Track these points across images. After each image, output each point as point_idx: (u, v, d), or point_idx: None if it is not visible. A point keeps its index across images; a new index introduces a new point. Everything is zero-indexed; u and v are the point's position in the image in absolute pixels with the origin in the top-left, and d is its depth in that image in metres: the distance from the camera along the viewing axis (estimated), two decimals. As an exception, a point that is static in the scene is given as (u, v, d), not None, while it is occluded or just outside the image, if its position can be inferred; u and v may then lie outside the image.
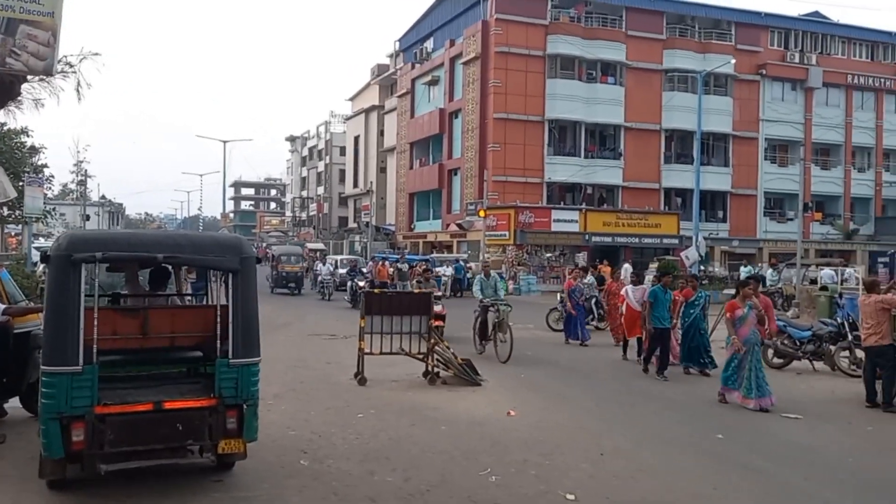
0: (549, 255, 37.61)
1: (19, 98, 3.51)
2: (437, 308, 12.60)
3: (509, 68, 39.55)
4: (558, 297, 19.29)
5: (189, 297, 8.52)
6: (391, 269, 26.91)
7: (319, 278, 30.10)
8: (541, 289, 34.43)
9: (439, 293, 19.73)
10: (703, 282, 16.18)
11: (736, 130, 43.74)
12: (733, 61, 40.08)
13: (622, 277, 28.44)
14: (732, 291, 12.89)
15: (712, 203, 43.74)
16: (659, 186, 42.61)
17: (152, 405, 5.73)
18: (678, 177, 42.09)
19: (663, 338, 12.30)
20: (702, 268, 30.83)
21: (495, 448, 7.60)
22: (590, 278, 19.20)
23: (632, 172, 41.72)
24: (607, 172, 41.29)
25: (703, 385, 11.63)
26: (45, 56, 3.06)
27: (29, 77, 3.27)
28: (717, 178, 42.86)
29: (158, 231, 11.18)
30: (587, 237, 37.73)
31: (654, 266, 30.89)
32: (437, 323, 12.03)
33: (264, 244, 68.76)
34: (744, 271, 29.57)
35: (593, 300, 18.54)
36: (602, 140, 42.56)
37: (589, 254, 36.24)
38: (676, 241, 38.47)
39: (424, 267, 22.26)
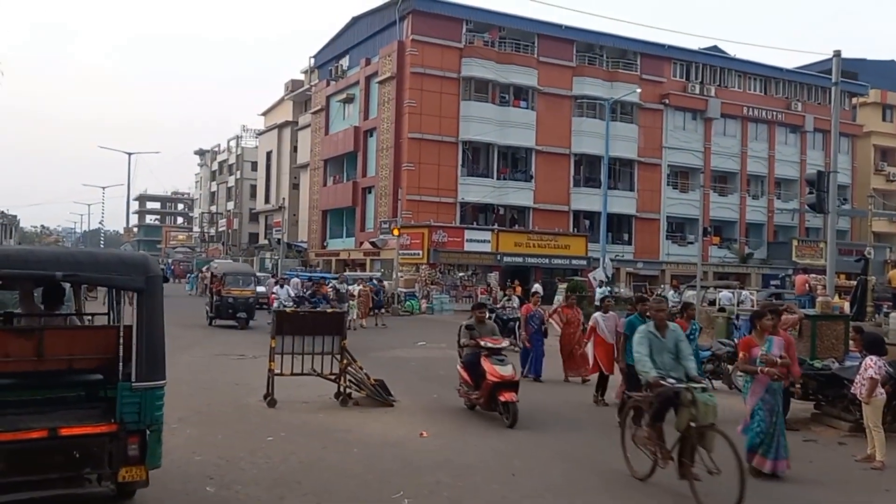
0: (461, 274, 37.94)
1: None
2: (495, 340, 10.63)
3: (424, 89, 39.87)
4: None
5: (88, 318, 8.13)
6: (330, 290, 26.03)
7: (276, 305, 22.33)
8: (454, 308, 34.64)
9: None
10: (610, 301, 16.07)
11: (641, 156, 45.43)
12: (639, 90, 41.79)
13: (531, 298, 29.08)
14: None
15: (618, 226, 45.18)
16: (568, 209, 43.70)
17: (47, 432, 5.41)
18: (586, 200, 43.30)
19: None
20: (609, 289, 31.71)
21: (408, 469, 7.57)
22: (514, 299, 19.80)
23: (542, 195, 42.65)
24: (519, 194, 42.09)
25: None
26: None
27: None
28: (623, 202, 44.35)
29: (57, 247, 10.65)
30: (499, 257, 38.26)
31: (562, 287, 31.62)
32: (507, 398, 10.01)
33: (176, 261, 65.86)
34: (599, 292, 27.99)
35: (515, 318, 19.06)
36: (514, 162, 43.36)
37: (500, 274, 36.80)
38: (585, 262, 39.52)
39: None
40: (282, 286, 25.75)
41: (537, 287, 30.12)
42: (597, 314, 12.57)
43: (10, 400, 5.84)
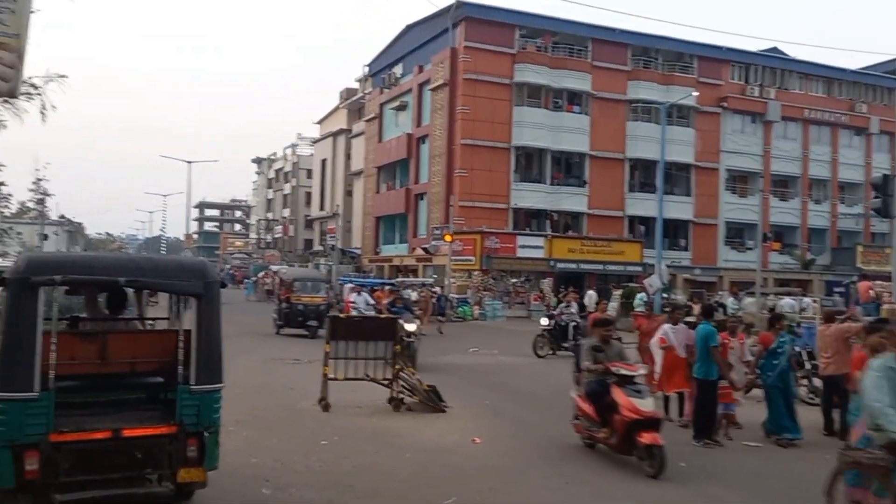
0: (514, 280, 37.76)
1: (-19, 119, 3.46)
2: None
3: (477, 95, 39.93)
4: (543, 322, 19.42)
5: (150, 322, 8.37)
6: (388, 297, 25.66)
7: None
8: (506, 314, 34.53)
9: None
10: (665, 309, 15.58)
11: (698, 161, 44.61)
12: (696, 94, 41.00)
13: (586, 303, 28.77)
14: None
15: (675, 231, 44.42)
16: (623, 214, 43.17)
17: (110, 433, 5.58)
18: (642, 205, 42.69)
19: (711, 392, 9.60)
20: (664, 295, 31.16)
21: (459, 476, 7.56)
22: (573, 305, 19.79)
23: (596, 200, 42.23)
24: (572, 200, 41.76)
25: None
26: (10, 78, 3.02)
27: (-9, 98, 3.23)
28: (679, 207, 43.59)
29: (120, 254, 11.01)
30: (552, 263, 37.98)
31: (616, 293, 31.20)
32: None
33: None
34: (639, 297, 28.24)
35: (573, 324, 19.10)
36: (568, 168, 43.06)
37: (554, 280, 36.48)
38: (640, 268, 38.94)
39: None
40: (359, 293, 22.55)
41: (591, 294, 29.82)
42: (666, 326, 11.34)
43: (76, 401, 6.03)
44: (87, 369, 6.33)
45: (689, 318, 12.19)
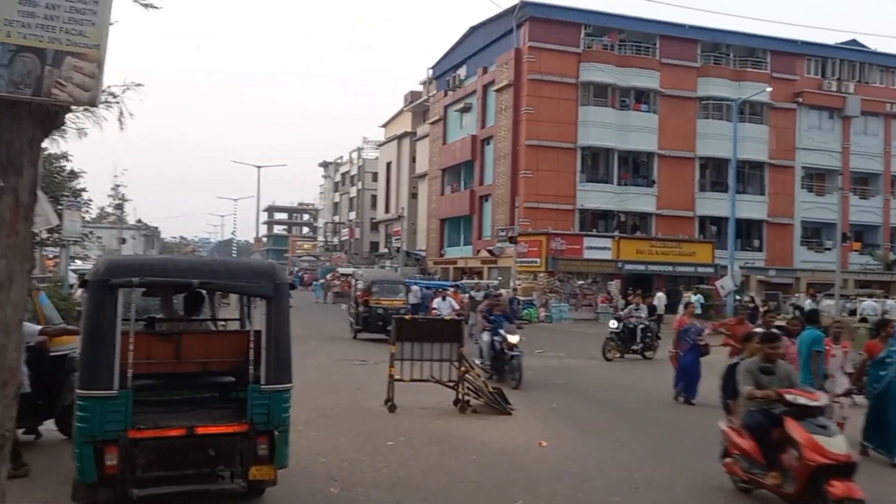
0: (581, 282, 37.33)
1: (63, 127, 3.61)
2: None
3: (542, 95, 39.66)
4: (612, 325, 19.17)
5: (222, 323, 8.59)
6: (465, 298, 24.82)
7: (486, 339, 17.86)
8: (573, 316, 34.15)
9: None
10: (742, 311, 14.92)
11: (772, 159, 43.24)
12: (769, 89, 39.75)
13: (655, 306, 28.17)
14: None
15: (748, 232, 43.15)
16: (693, 214, 42.19)
17: (185, 430, 5.75)
18: (713, 205, 41.63)
19: None
20: (737, 297, 30.31)
21: (526, 479, 7.49)
22: (643, 308, 19.52)
23: (665, 200, 41.40)
24: (640, 200, 41.04)
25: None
26: (90, 87, 3.12)
27: (73, 107, 3.36)
28: (752, 207, 42.32)
29: (194, 257, 11.33)
30: (620, 265, 37.39)
31: (686, 295, 30.49)
32: None
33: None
34: (694, 298, 27.73)
35: (641, 327, 18.83)
36: (635, 167, 42.36)
37: (622, 282, 35.90)
38: (711, 269, 37.97)
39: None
40: (443, 298, 21.03)
41: (660, 296, 29.18)
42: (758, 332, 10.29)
43: (152, 399, 6.23)
44: (162, 368, 6.53)
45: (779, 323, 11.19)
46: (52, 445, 7.94)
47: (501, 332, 13.75)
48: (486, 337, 14.32)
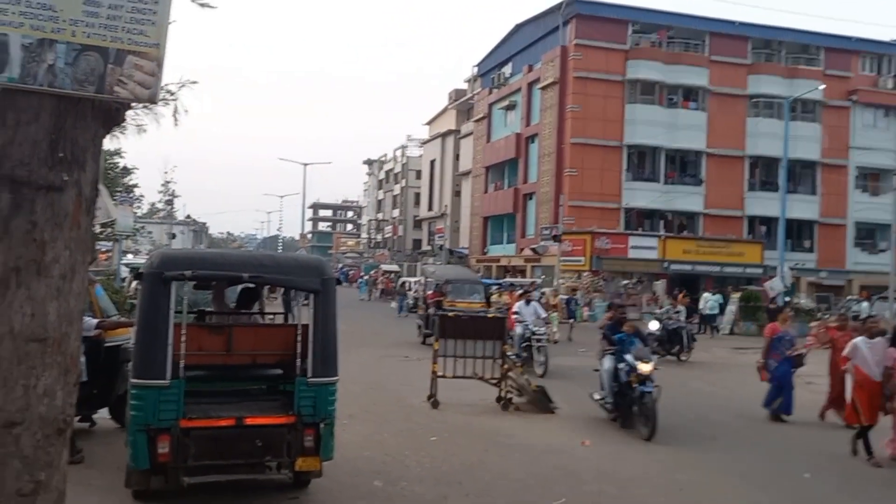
0: (625, 282, 36.90)
1: (123, 124, 3.74)
2: None
3: (588, 93, 39.31)
4: (652, 326, 18.16)
5: (270, 317, 8.73)
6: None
7: (520, 330, 15.67)
8: (617, 316, 33.77)
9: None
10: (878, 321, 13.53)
11: (824, 158, 42.14)
12: (822, 87, 38.73)
13: (702, 307, 27.73)
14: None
15: (798, 232, 42.13)
16: (742, 214, 41.38)
17: (234, 421, 5.88)
18: (763, 204, 40.77)
19: None
20: (787, 299, 29.65)
21: (569, 477, 7.47)
22: (681, 309, 19.10)
23: (714, 199, 40.68)
24: (688, 199, 40.39)
25: (791, 427, 11.11)
26: (150, 85, 3.21)
27: (133, 104, 3.47)
28: (803, 207, 41.32)
29: (244, 251, 11.53)
30: (666, 265, 36.87)
31: (735, 296, 29.95)
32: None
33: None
34: (712, 299, 28.02)
35: (683, 331, 18.46)
36: (683, 166, 41.70)
37: (668, 282, 35.41)
38: (760, 270, 37.19)
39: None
40: (527, 302, 16.56)
41: (706, 297, 28.67)
42: (858, 339, 9.16)
43: (203, 390, 6.39)
44: (213, 360, 6.68)
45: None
46: (107, 433, 8.18)
47: (629, 357, 10.03)
48: (607, 363, 10.58)
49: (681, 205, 40.34)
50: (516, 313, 15.85)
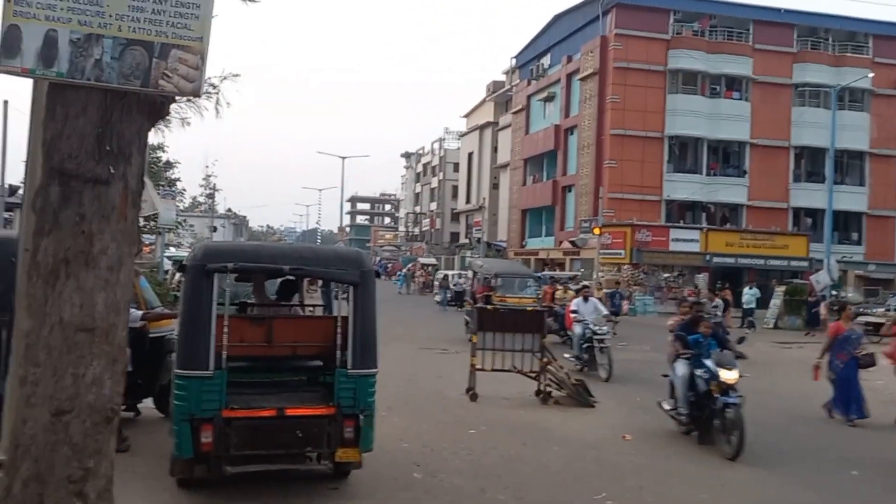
0: (666, 275, 36.46)
1: (168, 118, 3.80)
2: None
3: (628, 84, 38.83)
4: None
5: (310, 309, 8.81)
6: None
7: (580, 330, 14.35)
8: (657, 310, 33.40)
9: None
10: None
11: (873, 148, 41.04)
12: (871, 75, 37.67)
13: (744, 301, 27.27)
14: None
15: (846, 224, 41.16)
16: (787, 206, 40.55)
17: (275, 411, 5.94)
18: (808, 196, 39.91)
19: None
20: (833, 293, 28.97)
21: (609, 471, 7.41)
22: (719, 303, 18.68)
23: (757, 191, 39.93)
24: (730, 191, 39.70)
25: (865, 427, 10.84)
26: (194, 78, 3.25)
27: (177, 98, 3.52)
28: (851, 198, 40.31)
29: (284, 244, 11.65)
30: (708, 258, 36.34)
31: (779, 290, 29.37)
32: None
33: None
34: (749, 292, 27.43)
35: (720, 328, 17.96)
36: (725, 157, 41.00)
37: (710, 275, 34.87)
38: (805, 263, 36.42)
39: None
40: (585, 299, 15.09)
41: (750, 290, 28.17)
42: None
43: (244, 381, 6.47)
44: (254, 352, 6.76)
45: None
46: (151, 423, 8.34)
47: (709, 363, 8.63)
48: (681, 369, 9.09)
49: (723, 197, 39.67)
50: (574, 311, 14.55)
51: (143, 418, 8.56)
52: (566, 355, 13.80)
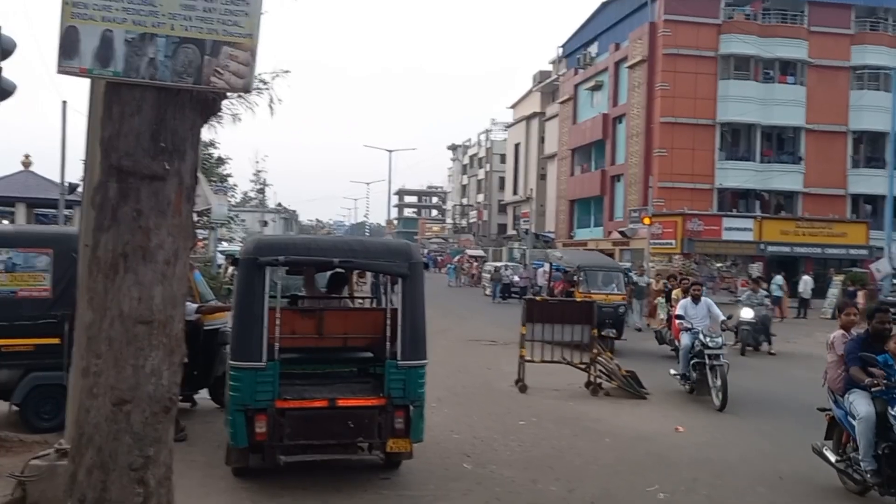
0: (719, 265, 35.75)
1: (220, 114, 3.87)
2: None
3: (678, 70, 38.10)
4: (746, 314, 16.25)
5: (359, 301, 8.90)
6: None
7: (686, 340, 11.29)
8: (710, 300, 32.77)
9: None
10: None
11: (937, 131, 39.51)
12: (934, 54, 36.27)
13: (801, 290, 26.62)
14: None
15: (907, 211, 39.73)
16: (845, 193, 39.33)
17: (327, 402, 6.03)
18: (868, 182, 38.62)
19: None
20: (894, 282, 28.02)
21: (662, 464, 7.31)
22: (761, 293, 17.81)
23: (813, 178, 38.80)
24: (785, 178, 38.66)
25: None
26: (244, 74, 3.30)
27: (228, 94, 3.58)
28: (913, 184, 38.87)
29: (334, 237, 11.76)
30: (762, 247, 35.50)
31: (837, 279, 28.54)
32: None
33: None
34: (806, 280, 26.77)
35: (769, 319, 17.36)
36: (780, 143, 39.94)
37: (764, 265, 34.07)
38: (865, 251, 35.30)
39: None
40: (696, 300, 11.90)
41: (806, 279, 27.45)
42: None
43: (296, 372, 6.57)
44: (306, 343, 6.87)
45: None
46: (207, 413, 8.54)
47: None
48: (863, 406, 6.38)
49: (778, 184, 38.67)
50: (680, 317, 11.46)
51: (199, 409, 8.77)
52: (672, 372, 11.54)
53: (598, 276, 17.01)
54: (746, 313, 16.47)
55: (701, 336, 10.78)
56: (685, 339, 11.09)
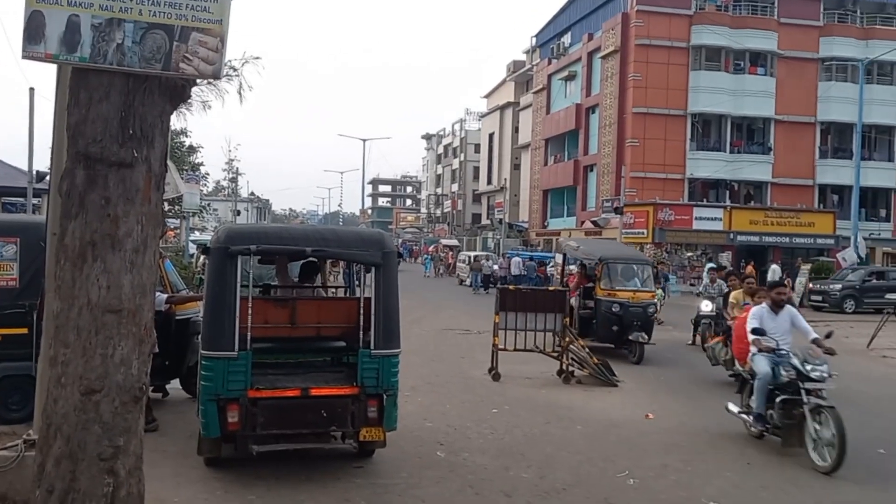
0: (689, 254, 36.16)
1: (189, 101, 3.82)
2: None
3: (650, 61, 38.34)
4: (705, 306, 15.09)
5: (332, 290, 8.86)
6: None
7: (765, 366, 7.70)
8: (680, 289, 33.17)
9: None
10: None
11: (902, 122, 40.25)
12: (901, 47, 36.84)
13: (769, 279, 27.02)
14: None
15: (874, 201, 40.46)
16: (813, 183, 39.93)
17: (300, 391, 6.01)
18: (835, 172, 39.27)
19: None
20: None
21: (632, 451, 7.41)
22: (720, 283, 16.49)
23: (782, 168, 39.35)
24: (755, 168, 39.16)
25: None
26: (214, 61, 3.26)
27: (198, 81, 3.54)
28: (879, 174, 39.59)
29: (306, 226, 11.68)
30: (732, 236, 35.95)
31: (804, 268, 29.03)
32: None
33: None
34: (774, 269, 26.93)
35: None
36: (749, 134, 40.42)
37: (734, 253, 34.55)
38: (832, 241, 35.90)
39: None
40: (777, 309, 8.11)
41: (774, 268, 27.90)
42: None
43: (269, 362, 6.55)
44: (278, 333, 6.84)
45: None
46: (179, 403, 8.48)
47: None
48: (762, 367, 7.54)
49: (748, 174, 39.17)
50: (758, 331, 7.81)
51: (170, 399, 8.71)
52: (731, 408, 8.38)
53: (623, 269, 14.56)
54: (705, 306, 15.21)
55: (794, 360, 7.54)
56: (763, 365, 7.73)
